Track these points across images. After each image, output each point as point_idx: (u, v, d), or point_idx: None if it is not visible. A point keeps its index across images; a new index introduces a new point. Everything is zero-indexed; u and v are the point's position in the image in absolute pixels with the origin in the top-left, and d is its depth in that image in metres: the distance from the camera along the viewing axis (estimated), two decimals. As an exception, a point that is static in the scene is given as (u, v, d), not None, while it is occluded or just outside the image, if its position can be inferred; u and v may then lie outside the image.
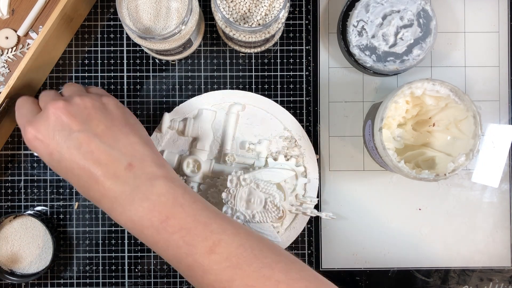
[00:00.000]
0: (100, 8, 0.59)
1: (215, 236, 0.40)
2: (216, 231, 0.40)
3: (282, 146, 0.57)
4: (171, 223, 0.40)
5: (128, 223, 0.41)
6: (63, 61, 0.59)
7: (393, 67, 0.54)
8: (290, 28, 0.59)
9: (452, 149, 0.52)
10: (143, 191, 0.40)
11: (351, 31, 0.54)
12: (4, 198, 0.59)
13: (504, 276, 0.59)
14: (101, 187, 0.40)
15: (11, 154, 0.59)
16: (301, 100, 0.59)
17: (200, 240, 0.40)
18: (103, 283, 0.58)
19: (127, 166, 0.40)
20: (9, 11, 0.54)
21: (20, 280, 0.56)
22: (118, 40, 0.59)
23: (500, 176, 0.59)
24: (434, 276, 0.59)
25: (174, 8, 0.50)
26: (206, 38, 0.59)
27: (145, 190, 0.40)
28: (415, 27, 0.54)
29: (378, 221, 0.59)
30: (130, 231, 0.41)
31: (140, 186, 0.40)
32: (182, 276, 0.44)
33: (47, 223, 0.56)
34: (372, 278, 0.59)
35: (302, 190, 0.57)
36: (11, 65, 0.55)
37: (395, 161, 0.49)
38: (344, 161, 0.59)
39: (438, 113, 0.53)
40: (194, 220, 0.40)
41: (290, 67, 0.59)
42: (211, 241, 0.40)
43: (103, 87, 0.59)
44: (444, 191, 0.59)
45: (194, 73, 0.59)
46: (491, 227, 0.59)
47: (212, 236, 0.40)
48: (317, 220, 0.59)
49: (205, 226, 0.40)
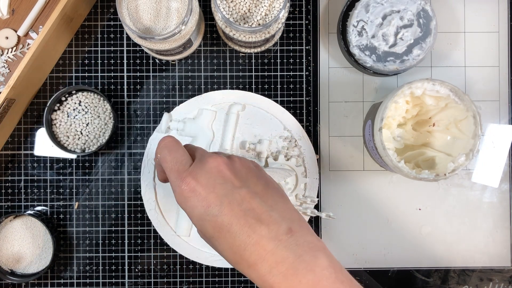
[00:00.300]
0: (100, 8, 0.59)
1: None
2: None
3: (282, 146, 0.57)
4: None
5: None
6: (63, 61, 0.59)
7: (393, 67, 0.54)
8: (290, 28, 0.59)
9: (452, 149, 0.52)
10: (307, 261, 0.37)
11: (351, 31, 0.54)
12: (4, 198, 0.59)
13: (504, 276, 0.59)
14: (261, 249, 0.37)
15: (11, 154, 0.59)
16: (301, 100, 0.59)
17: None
18: (103, 283, 0.58)
19: (288, 230, 0.38)
20: (9, 11, 0.54)
21: (20, 280, 0.56)
22: (118, 40, 0.59)
23: (500, 176, 0.59)
24: (434, 276, 0.59)
25: (174, 8, 0.50)
26: (206, 38, 0.59)
27: (309, 261, 0.37)
28: (415, 27, 0.54)
29: (378, 221, 0.59)
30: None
31: (304, 255, 0.37)
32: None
33: (47, 223, 0.56)
34: (372, 278, 0.59)
35: (302, 190, 0.57)
36: (11, 65, 0.55)
37: (395, 161, 0.49)
38: (344, 161, 0.59)
39: (438, 113, 0.53)
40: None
41: (290, 67, 0.59)
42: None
43: (103, 87, 0.59)
44: (444, 191, 0.59)
45: (194, 73, 0.59)
46: (491, 227, 0.59)
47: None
48: (317, 220, 0.59)
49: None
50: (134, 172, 0.59)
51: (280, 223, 0.38)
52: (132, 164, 0.59)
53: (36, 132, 0.59)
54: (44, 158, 0.59)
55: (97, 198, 0.59)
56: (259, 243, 0.37)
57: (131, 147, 0.59)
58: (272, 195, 0.40)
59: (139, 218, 0.59)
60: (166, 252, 0.59)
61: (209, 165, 0.40)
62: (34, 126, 0.59)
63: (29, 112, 0.59)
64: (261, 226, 0.37)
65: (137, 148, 0.59)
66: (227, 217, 0.38)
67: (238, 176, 0.40)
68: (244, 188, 0.39)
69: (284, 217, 0.39)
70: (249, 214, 0.38)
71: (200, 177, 0.39)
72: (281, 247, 0.37)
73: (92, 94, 0.58)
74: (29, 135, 0.59)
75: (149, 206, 0.57)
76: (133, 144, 0.59)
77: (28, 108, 0.59)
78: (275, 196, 0.41)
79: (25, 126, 0.59)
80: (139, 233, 0.59)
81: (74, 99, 0.57)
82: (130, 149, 0.59)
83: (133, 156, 0.59)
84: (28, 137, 0.59)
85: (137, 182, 0.58)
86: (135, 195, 0.59)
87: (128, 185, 0.59)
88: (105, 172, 0.59)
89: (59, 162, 0.59)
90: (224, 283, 0.59)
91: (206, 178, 0.39)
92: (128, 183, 0.59)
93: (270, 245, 0.37)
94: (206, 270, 0.59)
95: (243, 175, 0.41)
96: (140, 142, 0.59)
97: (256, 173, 0.42)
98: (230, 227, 0.38)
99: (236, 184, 0.39)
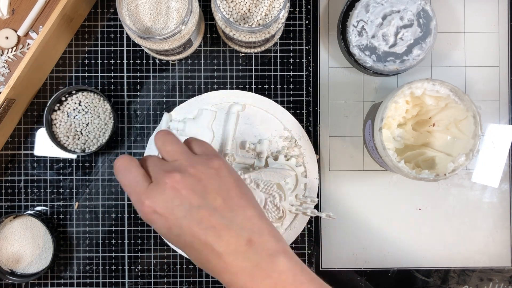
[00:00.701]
0: (100, 8, 0.59)
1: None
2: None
3: (282, 146, 0.57)
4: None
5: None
6: (63, 61, 0.59)
7: (393, 67, 0.54)
8: (290, 28, 0.59)
9: (452, 149, 0.52)
10: (265, 267, 0.40)
11: (351, 31, 0.54)
12: (4, 198, 0.59)
13: (504, 276, 0.59)
14: (222, 262, 0.39)
15: (11, 154, 0.59)
16: (301, 100, 0.59)
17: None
18: (103, 283, 0.58)
19: (247, 241, 0.40)
20: (9, 11, 0.54)
21: (20, 280, 0.56)
22: (118, 40, 0.59)
23: (500, 176, 0.59)
24: (434, 276, 0.59)
25: (174, 8, 0.50)
26: (206, 38, 0.59)
27: (267, 267, 0.40)
28: (415, 27, 0.54)
29: (378, 221, 0.59)
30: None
31: (261, 262, 0.40)
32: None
33: (47, 223, 0.56)
34: (372, 278, 0.59)
35: (302, 190, 0.57)
36: (11, 65, 0.55)
37: (395, 161, 0.49)
38: (344, 161, 0.59)
39: (438, 113, 0.53)
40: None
41: (290, 67, 0.59)
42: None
43: (103, 87, 0.59)
44: (444, 191, 0.59)
45: (194, 73, 0.59)
46: (491, 227, 0.59)
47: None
48: (317, 220, 0.59)
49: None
50: (134, 172, 0.59)
51: (240, 236, 0.40)
52: (132, 164, 0.59)
53: (36, 132, 0.59)
54: (44, 158, 0.59)
55: (97, 198, 0.59)
56: (220, 258, 0.39)
57: (131, 147, 0.59)
58: (232, 204, 0.41)
59: (139, 218, 0.59)
60: (166, 252, 0.59)
61: (164, 186, 0.40)
62: (34, 126, 0.59)
63: (29, 112, 0.59)
64: (220, 242, 0.39)
65: (137, 148, 0.59)
66: (189, 237, 0.40)
67: (196, 193, 0.40)
68: (202, 206, 0.40)
69: (244, 228, 0.40)
70: (208, 232, 0.39)
71: (158, 200, 0.40)
72: (240, 258, 0.39)
73: (92, 94, 0.58)
74: (29, 135, 0.59)
75: (149, 206, 0.57)
76: (133, 144, 0.59)
77: (28, 108, 0.59)
78: (235, 207, 0.41)
79: (25, 126, 0.59)
80: (139, 233, 0.59)
81: (74, 99, 0.57)
82: (130, 149, 0.59)
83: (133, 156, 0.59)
84: (28, 137, 0.59)
85: (137, 182, 0.58)
86: (135, 195, 0.59)
87: (128, 185, 0.59)
88: (105, 172, 0.59)
89: (59, 162, 0.59)
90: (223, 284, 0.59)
91: (163, 200, 0.40)
92: (128, 183, 0.59)
93: (230, 258, 0.39)
94: (206, 270, 0.59)
95: (201, 190, 0.41)
96: (140, 142, 0.59)
97: (215, 183, 0.41)
98: (193, 244, 0.40)
99: (194, 203, 0.40)
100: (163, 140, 0.43)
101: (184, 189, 0.40)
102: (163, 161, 0.43)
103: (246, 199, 0.42)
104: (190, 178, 0.41)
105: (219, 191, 0.41)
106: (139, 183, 0.41)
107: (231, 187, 0.42)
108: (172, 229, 0.40)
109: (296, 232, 0.57)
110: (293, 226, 0.57)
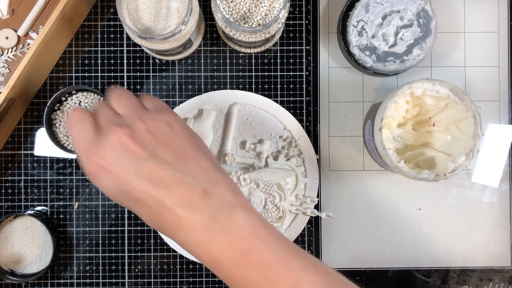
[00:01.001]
0: (100, 8, 0.59)
1: (296, 274, 0.37)
2: (297, 269, 0.38)
3: (282, 146, 0.57)
4: (251, 257, 0.37)
5: (205, 255, 0.38)
6: (63, 61, 0.59)
7: (393, 67, 0.54)
8: (290, 28, 0.59)
9: (452, 149, 0.52)
10: (222, 221, 0.37)
11: (351, 31, 0.54)
12: (4, 198, 0.59)
13: (504, 276, 0.59)
14: (176, 216, 0.37)
15: (11, 154, 0.59)
16: (301, 100, 0.59)
17: (281, 277, 0.37)
18: (103, 283, 0.58)
19: (202, 193, 0.38)
20: (9, 11, 0.54)
21: (20, 280, 0.56)
22: (118, 40, 0.59)
23: (500, 176, 0.59)
24: (434, 276, 0.59)
25: (174, 8, 0.50)
26: (206, 38, 0.59)
27: (224, 220, 0.37)
28: (415, 27, 0.54)
29: (378, 221, 0.59)
30: (205, 263, 0.39)
31: (218, 215, 0.37)
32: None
33: (47, 223, 0.56)
34: (372, 278, 0.59)
35: (302, 190, 0.57)
36: (11, 65, 0.55)
37: (395, 161, 0.49)
38: (344, 161, 0.59)
39: (438, 113, 0.53)
40: (274, 255, 0.38)
41: (290, 67, 0.59)
42: (292, 279, 0.37)
43: (103, 87, 0.59)
44: (444, 191, 0.59)
45: (194, 73, 0.59)
46: (491, 227, 0.59)
47: (292, 274, 0.37)
48: (317, 220, 0.59)
49: (286, 262, 0.38)
50: (134, 172, 0.59)
51: (194, 187, 0.38)
52: (132, 164, 0.59)
53: (36, 132, 0.59)
54: (44, 158, 0.59)
55: (97, 198, 0.59)
56: (173, 211, 0.37)
57: (131, 147, 0.59)
58: (184, 157, 0.39)
59: (139, 218, 0.59)
60: (166, 252, 0.59)
61: (112, 140, 0.38)
62: (34, 126, 0.59)
63: (29, 112, 0.59)
64: (173, 194, 0.37)
65: (137, 148, 0.59)
66: (139, 193, 0.37)
67: (145, 146, 0.38)
68: (152, 158, 0.38)
69: (199, 179, 0.38)
70: (160, 184, 0.37)
71: (106, 155, 0.38)
72: (195, 211, 0.37)
73: (92, 94, 0.58)
74: (29, 135, 0.59)
75: (149, 206, 0.57)
76: (133, 144, 0.59)
77: (28, 108, 0.59)
78: (188, 159, 0.39)
79: (25, 126, 0.59)
80: (139, 233, 0.59)
81: (74, 99, 0.57)
82: (130, 149, 0.59)
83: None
84: (28, 137, 0.59)
85: (137, 182, 0.58)
86: (135, 195, 0.59)
87: (128, 185, 0.59)
88: (105, 172, 0.59)
89: (59, 162, 0.59)
90: (224, 283, 0.59)
91: (111, 155, 0.38)
92: (128, 183, 0.59)
93: (184, 212, 0.37)
94: (206, 270, 0.59)
95: (151, 143, 0.39)
96: (140, 142, 0.59)
97: (167, 137, 0.40)
98: (144, 200, 0.38)
99: (143, 156, 0.38)
100: (117, 94, 0.42)
101: (133, 143, 0.38)
102: (115, 114, 0.41)
103: (200, 150, 0.41)
104: (140, 132, 0.39)
105: (171, 144, 0.39)
106: (89, 138, 0.40)
107: (184, 140, 0.40)
108: (121, 185, 0.38)
109: (296, 232, 0.57)
110: (293, 226, 0.57)
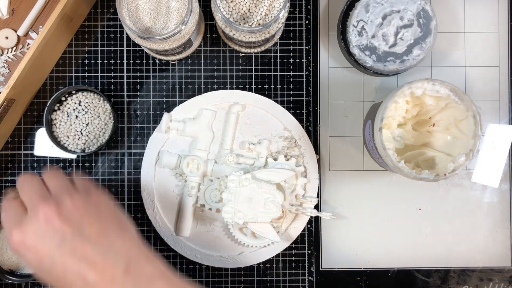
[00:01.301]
0: (100, 8, 0.59)
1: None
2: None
3: (282, 146, 0.57)
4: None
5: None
6: (63, 61, 0.59)
7: (393, 67, 0.54)
8: (290, 28, 0.59)
9: (452, 149, 0.52)
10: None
11: (351, 31, 0.54)
12: (4, 198, 0.59)
13: (504, 276, 0.59)
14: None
15: (11, 154, 0.59)
16: (301, 100, 0.59)
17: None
18: (103, 283, 0.58)
19: (124, 270, 0.39)
20: (9, 11, 0.54)
21: (20, 280, 0.56)
22: (118, 40, 0.59)
23: (500, 176, 0.59)
24: (434, 276, 0.59)
25: (174, 8, 0.50)
26: (206, 38, 0.59)
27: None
28: (415, 27, 0.54)
29: (378, 221, 0.59)
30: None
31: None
32: None
33: (47, 223, 0.56)
34: (372, 278, 0.59)
35: (302, 190, 0.57)
36: (11, 65, 0.55)
37: (395, 161, 0.49)
38: (344, 161, 0.59)
39: (438, 113, 0.53)
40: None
41: (290, 67, 0.59)
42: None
43: (103, 87, 0.59)
44: (444, 191, 0.59)
45: (194, 73, 0.59)
46: (491, 227, 0.59)
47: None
48: (317, 220, 0.59)
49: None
50: (134, 172, 0.59)
51: (116, 265, 0.39)
52: (132, 164, 0.59)
53: (36, 132, 0.59)
54: (44, 158, 0.59)
55: (97, 198, 0.59)
56: (95, 287, 0.38)
57: (131, 147, 0.59)
58: (109, 233, 0.41)
59: (139, 218, 0.59)
60: (166, 252, 0.59)
61: (37, 216, 0.40)
62: (34, 126, 0.59)
63: (29, 112, 0.59)
64: (95, 273, 0.38)
65: (137, 148, 0.59)
66: (61, 270, 0.39)
67: (70, 223, 0.40)
68: (76, 236, 0.39)
69: (121, 255, 0.40)
70: (82, 262, 0.39)
71: (29, 231, 0.39)
72: (117, 286, 0.38)
73: (92, 94, 0.58)
74: (29, 135, 0.59)
75: (148, 206, 0.57)
76: (133, 144, 0.59)
77: (28, 108, 0.59)
78: (111, 236, 0.41)
79: (25, 126, 0.59)
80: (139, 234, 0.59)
81: (74, 99, 0.57)
82: (130, 149, 0.59)
83: (133, 156, 0.59)
84: (28, 137, 0.59)
85: (137, 182, 0.58)
86: (135, 195, 0.59)
87: (128, 185, 0.59)
88: (105, 172, 0.59)
89: (59, 162, 0.59)
90: (224, 283, 0.59)
91: (34, 232, 0.39)
92: (128, 183, 0.59)
93: (106, 287, 0.38)
94: (206, 270, 0.59)
95: (76, 219, 0.40)
96: (140, 142, 0.59)
97: (92, 214, 0.41)
98: (66, 277, 0.39)
99: (67, 234, 0.39)
100: (50, 173, 0.44)
101: (57, 220, 0.39)
102: (43, 189, 0.43)
103: (123, 227, 0.42)
104: (67, 208, 0.40)
105: (96, 221, 0.41)
106: (12, 215, 0.41)
107: (108, 217, 0.42)
108: (43, 262, 0.39)
109: (296, 232, 0.57)
110: (293, 226, 0.57)
